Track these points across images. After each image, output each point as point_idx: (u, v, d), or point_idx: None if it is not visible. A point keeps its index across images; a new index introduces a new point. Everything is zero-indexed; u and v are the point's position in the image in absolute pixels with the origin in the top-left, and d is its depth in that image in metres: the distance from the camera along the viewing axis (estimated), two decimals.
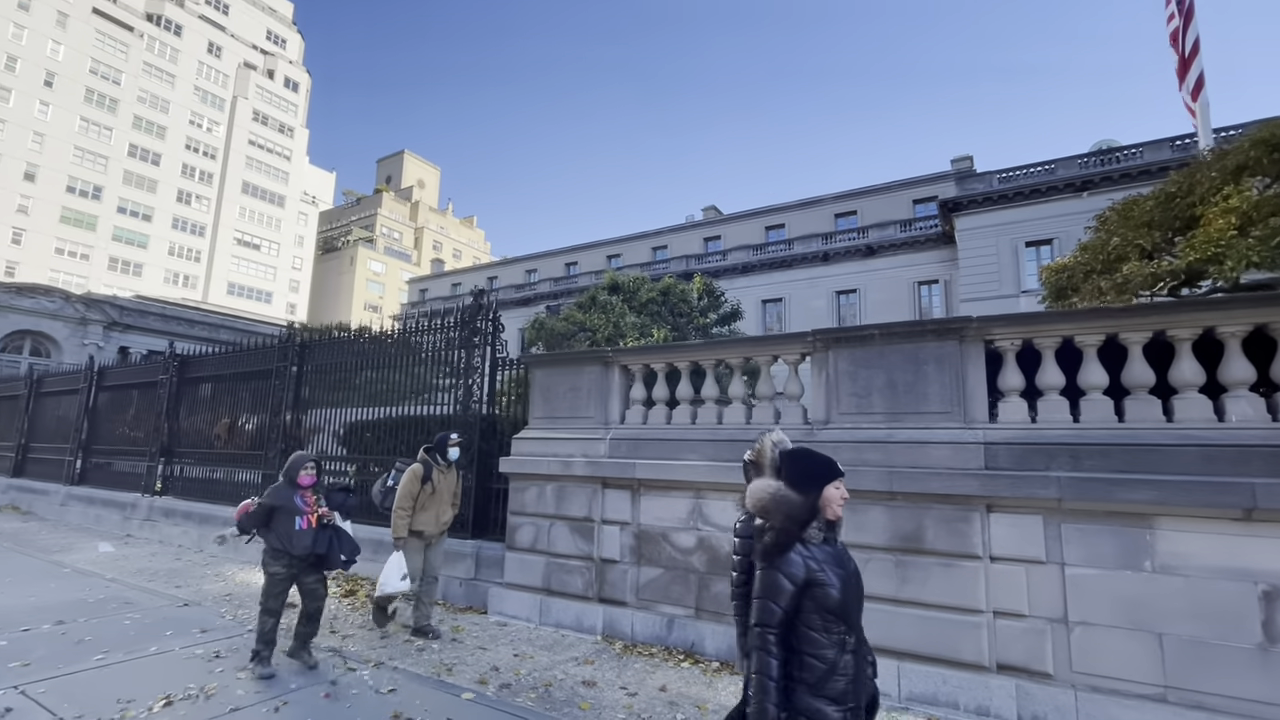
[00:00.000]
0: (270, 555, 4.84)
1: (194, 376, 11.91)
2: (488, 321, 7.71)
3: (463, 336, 7.83)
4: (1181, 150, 22.15)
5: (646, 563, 5.81)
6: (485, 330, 7.69)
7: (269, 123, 71.89)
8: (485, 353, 7.62)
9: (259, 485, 9.64)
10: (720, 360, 5.97)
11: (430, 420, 8.03)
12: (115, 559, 9.16)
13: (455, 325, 8.00)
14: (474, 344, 7.70)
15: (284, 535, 4.77)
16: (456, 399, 7.69)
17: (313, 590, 4.97)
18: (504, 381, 7.79)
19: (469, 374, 7.67)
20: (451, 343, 8.06)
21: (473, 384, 7.58)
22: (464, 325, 7.83)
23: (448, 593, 7.04)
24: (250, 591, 7.24)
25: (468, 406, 7.55)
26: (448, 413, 7.91)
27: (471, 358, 7.69)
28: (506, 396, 7.79)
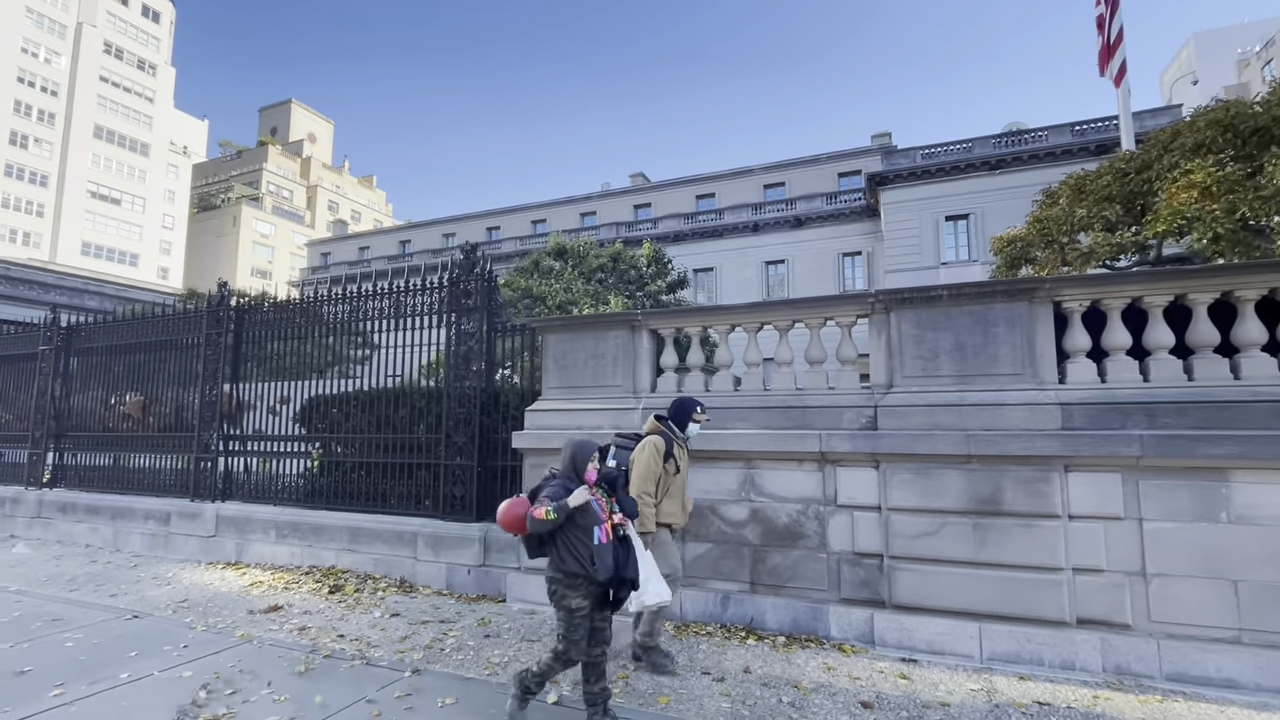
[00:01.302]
0: (565, 581, 3.33)
1: (88, 348, 10.07)
2: (482, 281, 6.92)
3: (452, 298, 6.99)
4: (1080, 135, 24.18)
5: (693, 538, 5.47)
6: (479, 291, 6.90)
7: (125, 57, 62.47)
8: (481, 317, 6.85)
9: (190, 472, 8.36)
10: (765, 323, 5.65)
11: (414, 393, 7.19)
12: (9, 565, 7.61)
13: (441, 286, 7.14)
14: (467, 307, 6.90)
15: (582, 552, 3.29)
16: (448, 369, 6.89)
17: (600, 631, 3.48)
18: (503, 350, 7.07)
19: (460, 340, 6.88)
20: (434, 306, 7.20)
21: (468, 352, 6.81)
22: (454, 285, 6.99)
23: (453, 582, 6.38)
24: (210, 595, 6.22)
25: (461, 376, 6.78)
26: (437, 385, 7.10)
27: (463, 321, 6.89)
28: (511, 366, 7.08)
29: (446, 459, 6.70)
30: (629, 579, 3.38)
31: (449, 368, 6.88)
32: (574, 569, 3.29)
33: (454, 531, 6.46)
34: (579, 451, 3.46)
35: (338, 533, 7.15)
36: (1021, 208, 24.63)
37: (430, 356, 7.38)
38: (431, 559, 6.51)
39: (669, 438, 4.40)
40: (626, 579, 3.37)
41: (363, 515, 7.13)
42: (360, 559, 6.91)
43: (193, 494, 8.33)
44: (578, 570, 3.28)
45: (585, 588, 3.31)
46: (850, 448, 4.93)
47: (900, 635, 4.66)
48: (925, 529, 4.71)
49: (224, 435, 8.35)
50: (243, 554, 7.64)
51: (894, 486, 4.82)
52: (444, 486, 6.69)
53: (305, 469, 7.88)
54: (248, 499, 8.15)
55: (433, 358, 7.23)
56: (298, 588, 6.45)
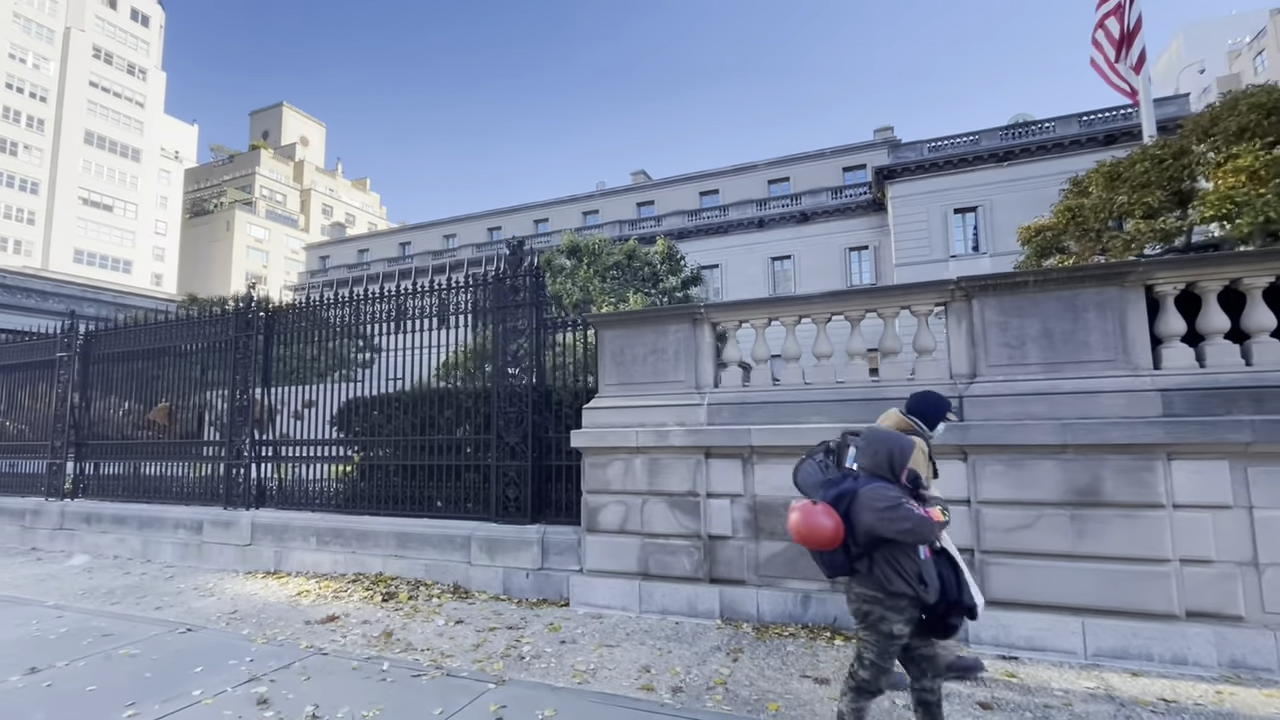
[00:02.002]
0: (887, 603, 2.79)
1: (108, 354, 9.81)
2: (531, 277, 6.73)
3: (499, 294, 6.80)
4: (1087, 125, 24.17)
5: (767, 536, 5.31)
6: (527, 286, 6.71)
7: (115, 62, 61.78)
8: (531, 313, 6.66)
9: (222, 479, 8.14)
10: (836, 313, 5.49)
11: (460, 393, 7.00)
12: (39, 579, 7.37)
13: (487, 282, 6.95)
14: (515, 303, 6.71)
15: (909, 570, 2.75)
16: (497, 367, 6.70)
17: (930, 659, 2.98)
18: (554, 346, 6.88)
19: (508, 338, 6.70)
20: (481, 303, 7.01)
21: (518, 349, 6.62)
22: (501, 281, 6.79)
23: (510, 586, 6.19)
24: (259, 605, 6.01)
25: (507, 375, 6.59)
26: (486, 385, 6.91)
27: (512, 319, 6.70)
28: (563, 363, 6.89)
29: (498, 460, 6.51)
30: (965, 604, 2.89)
31: (497, 366, 6.68)
32: (900, 589, 2.74)
33: (510, 534, 6.27)
34: (899, 449, 2.85)
35: (383, 538, 6.94)
36: (1031, 199, 24.64)
37: (473, 355, 7.20)
38: (486, 563, 6.32)
39: (926, 438, 3.74)
40: (961, 604, 2.88)
41: (409, 520, 6.92)
42: (409, 565, 6.71)
43: (225, 502, 8.10)
44: (905, 591, 2.74)
45: (909, 611, 2.79)
46: (937, 440, 4.77)
47: (997, 632, 4.51)
48: (1019, 522, 4.56)
49: (257, 441, 8.12)
50: (282, 562, 7.42)
51: (985, 479, 4.67)
52: (496, 488, 6.50)
53: (345, 473, 7.67)
54: (282, 506, 7.93)
55: (476, 356, 7.04)
56: (348, 596, 6.24)
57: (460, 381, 7.21)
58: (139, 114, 63.45)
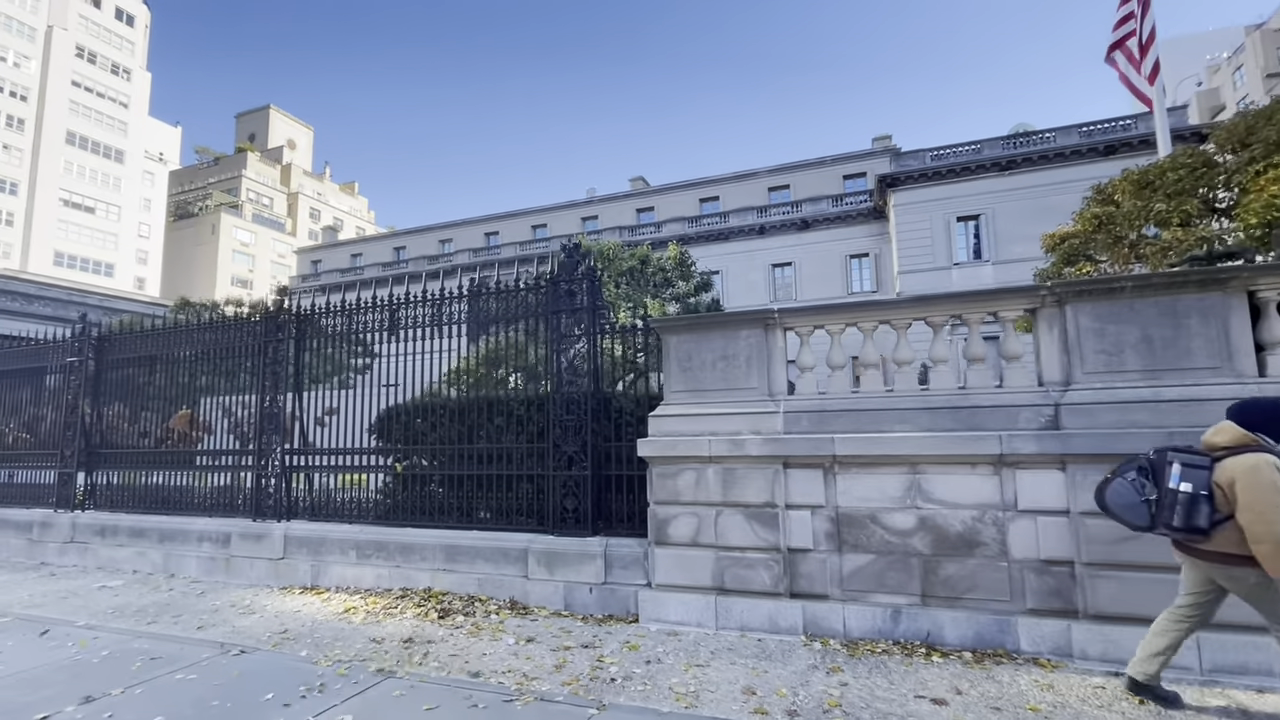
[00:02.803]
0: None
1: (122, 359, 9.42)
2: (588, 280, 6.53)
3: (553, 297, 6.59)
4: (1087, 136, 24.52)
5: (851, 549, 5.14)
6: (584, 290, 6.51)
7: (99, 61, 60.66)
8: (589, 318, 6.45)
9: (251, 490, 7.81)
10: (919, 319, 5.36)
11: (512, 401, 6.76)
12: (61, 596, 6.98)
13: (540, 285, 6.74)
14: (571, 306, 6.50)
15: None
16: (549, 373, 6.48)
17: None
18: (611, 351, 6.68)
19: (562, 342, 6.48)
20: (533, 307, 6.79)
21: (574, 355, 6.41)
22: (556, 284, 6.59)
23: (571, 601, 5.95)
24: (308, 623, 5.71)
25: (564, 381, 6.37)
26: (541, 389, 6.69)
27: (567, 323, 6.49)
28: (623, 369, 6.68)
29: (555, 469, 6.28)
30: None
31: (552, 372, 6.46)
32: None
33: (570, 547, 6.03)
34: None
35: (430, 551, 6.66)
36: (1033, 208, 24.93)
37: (525, 361, 6.98)
38: (545, 577, 6.08)
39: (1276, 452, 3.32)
40: None
41: (458, 532, 6.66)
42: (460, 579, 6.44)
43: (255, 513, 7.76)
44: None
45: None
46: (1036, 449, 4.65)
47: (1104, 647, 4.38)
48: (1125, 533, 4.42)
49: (288, 449, 7.80)
50: (319, 577, 7.11)
51: (1087, 489, 4.53)
52: (553, 499, 6.27)
53: (384, 484, 7.38)
54: (314, 517, 7.62)
55: (530, 361, 6.82)
56: (400, 613, 5.96)
57: (510, 388, 6.98)
58: (123, 115, 62.31)
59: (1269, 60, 56.35)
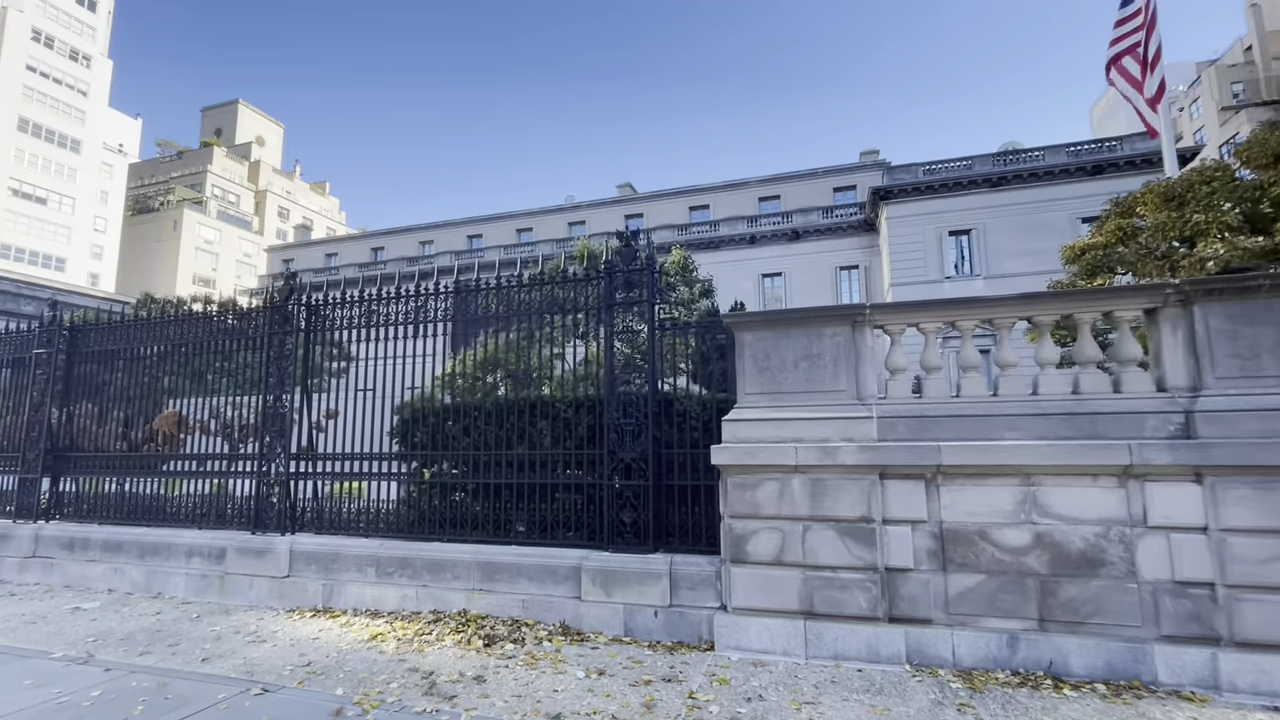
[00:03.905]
0: None
1: (97, 352, 8.48)
2: (648, 273, 5.98)
3: (609, 291, 6.02)
4: (1075, 155, 25.03)
5: (957, 569, 4.67)
6: (644, 282, 5.96)
7: (56, 46, 57.75)
8: (647, 311, 5.90)
9: (252, 499, 7.01)
10: (1025, 317, 4.96)
11: (559, 403, 6.14)
12: (28, 622, 6.05)
13: (594, 277, 6.17)
14: (630, 300, 5.94)
15: None
16: (608, 373, 5.89)
17: None
18: (672, 349, 6.12)
19: (618, 338, 5.91)
20: (581, 300, 6.21)
21: (632, 352, 5.84)
22: (612, 276, 6.02)
23: (633, 626, 5.33)
24: (332, 653, 4.97)
25: (619, 381, 5.80)
26: (591, 391, 6.09)
27: (624, 317, 5.92)
28: (693, 368, 6.13)
29: (610, 478, 5.68)
30: None
31: (608, 371, 5.88)
32: None
33: (630, 565, 5.43)
34: None
35: (464, 569, 5.97)
36: (1023, 224, 25.31)
37: (576, 358, 6.39)
38: (602, 599, 5.45)
39: None
40: None
41: (497, 547, 5.99)
42: (500, 601, 5.76)
43: (254, 525, 6.95)
44: None
45: None
46: (1170, 459, 4.25)
47: (1256, 678, 3.98)
48: (1275, 550, 4.06)
49: (294, 454, 7.02)
50: (333, 598, 6.33)
51: (1228, 503, 4.17)
52: (609, 511, 5.66)
53: (408, 493, 6.66)
54: (322, 530, 6.85)
55: (578, 358, 6.23)
56: (437, 640, 5.25)
57: (555, 388, 6.36)
58: (81, 103, 59.39)
59: (1223, 94, 59.22)
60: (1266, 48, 55.70)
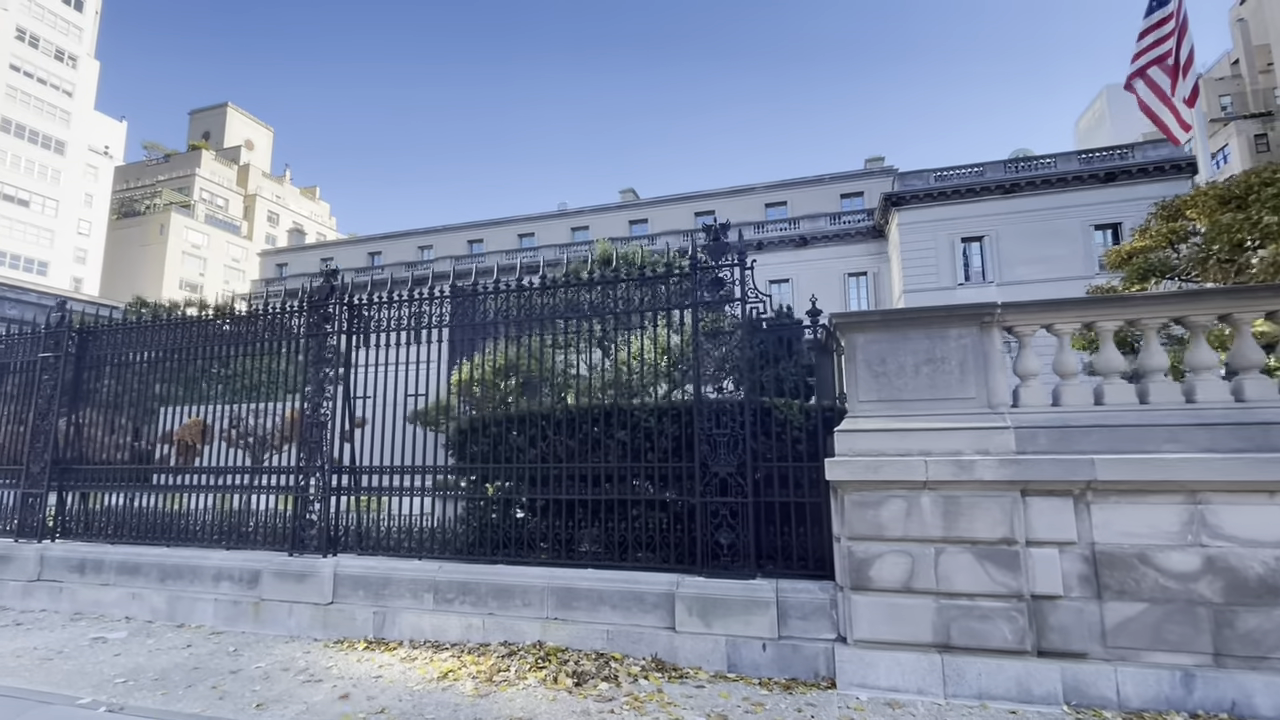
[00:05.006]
0: None
1: (109, 356, 7.83)
2: (740, 268, 5.49)
3: (694, 287, 5.52)
4: (1087, 162, 25.01)
5: (1115, 596, 4.19)
6: (737, 279, 5.47)
7: (41, 45, 56.51)
8: (740, 310, 5.40)
9: (292, 517, 6.41)
10: (1177, 317, 4.52)
11: (638, 410, 5.61)
12: (42, 658, 5.38)
13: (677, 272, 5.67)
14: (720, 298, 5.44)
15: None
16: (696, 377, 5.39)
17: None
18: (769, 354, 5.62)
19: (708, 339, 5.41)
20: (659, 297, 5.71)
21: (725, 355, 5.33)
22: (698, 271, 5.52)
23: (737, 660, 4.79)
24: (406, 696, 4.38)
25: (716, 387, 5.29)
26: (674, 399, 5.57)
27: (715, 316, 5.42)
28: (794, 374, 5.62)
29: (704, 495, 5.15)
30: None
31: (696, 376, 5.37)
32: None
33: (732, 592, 4.89)
34: None
35: (536, 595, 5.40)
36: (1036, 230, 25.20)
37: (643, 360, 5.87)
38: (699, 630, 4.90)
39: None
40: None
41: (573, 571, 5.42)
42: (580, 632, 5.19)
43: (292, 545, 6.32)
44: None
45: None
46: None
47: None
48: None
49: (336, 467, 6.42)
50: (386, 628, 5.72)
51: None
52: (702, 531, 5.13)
53: (467, 510, 6.09)
54: (366, 551, 6.25)
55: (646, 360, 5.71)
56: (517, 679, 4.68)
57: (634, 395, 5.83)
58: (66, 103, 58.13)
59: (1211, 107, 60.30)
60: (1253, 61, 56.79)
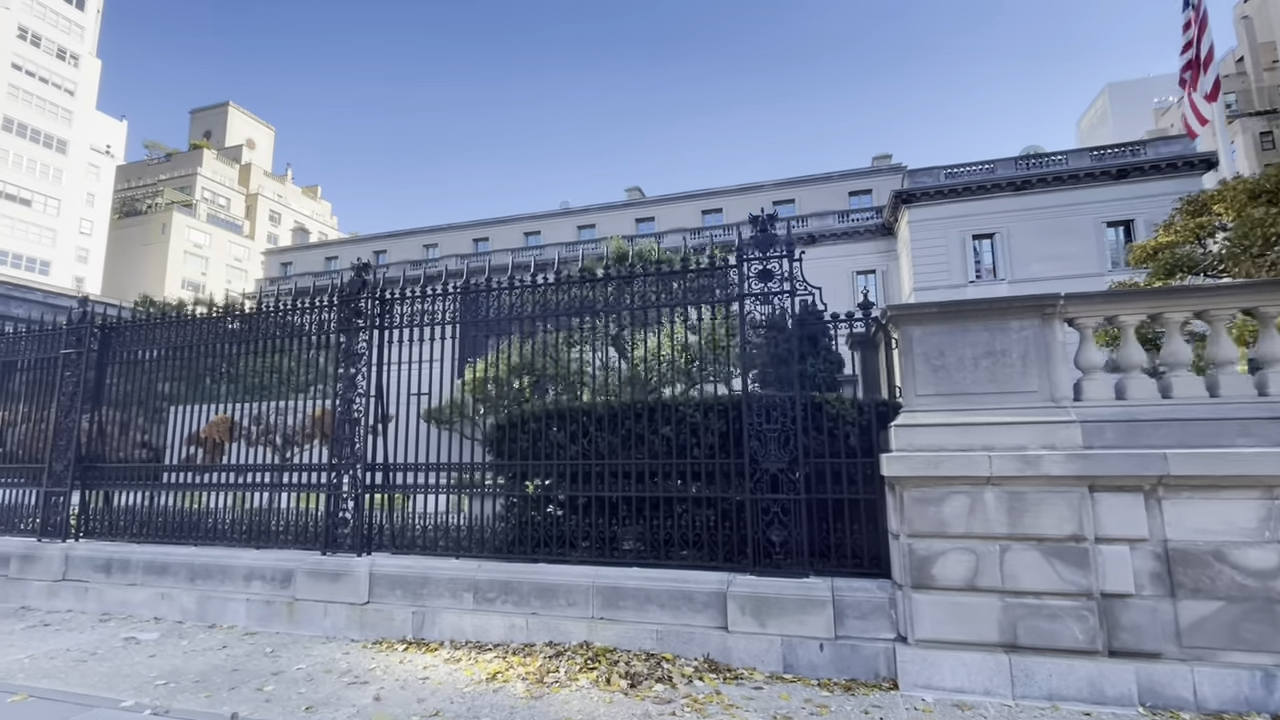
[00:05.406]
0: None
1: (132, 353, 7.71)
2: (788, 260, 5.38)
3: (741, 278, 5.41)
4: (1099, 159, 24.88)
5: (1189, 594, 4.08)
6: (785, 272, 5.35)
7: (43, 44, 56.36)
8: (790, 304, 5.29)
9: (324, 515, 6.30)
10: (1249, 307, 4.40)
11: (683, 405, 5.50)
12: (76, 659, 5.26)
13: (721, 265, 5.56)
14: (768, 291, 5.32)
15: None
16: (744, 370, 5.27)
17: None
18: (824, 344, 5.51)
19: (755, 333, 5.30)
20: (710, 289, 5.60)
21: (773, 349, 5.21)
22: (746, 261, 5.41)
23: (793, 661, 4.68)
24: (458, 699, 4.27)
25: (766, 380, 5.17)
26: (720, 393, 5.46)
27: (763, 309, 5.30)
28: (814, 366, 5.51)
29: (754, 491, 5.03)
30: None
31: (744, 370, 5.25)
32: None
33: (787, 591, 4.77)
34: None
35: (581, 595, 5.29)
36: (1048, 228, 25.08)
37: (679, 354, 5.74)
38: (753, 630, 4.79)
39: None
40: None
41: (620, 570, 5.31)
42: (628, 632, 5.08)
43: (326, 545, 6.20)
44: None
45: None
46: None
47: None
48: None
49: (369, 464, 6.30)
50: (425, 628, 5.60)
51: None
52: (753, 529, 5.01)
53: (505, 508, 5.98)
54: (400, 550, 6.14)
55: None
56: (568, 680, 4.56)
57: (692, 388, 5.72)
58: (68, 102, 57.98)
59: None
60: (1259, 59, 56.63)
